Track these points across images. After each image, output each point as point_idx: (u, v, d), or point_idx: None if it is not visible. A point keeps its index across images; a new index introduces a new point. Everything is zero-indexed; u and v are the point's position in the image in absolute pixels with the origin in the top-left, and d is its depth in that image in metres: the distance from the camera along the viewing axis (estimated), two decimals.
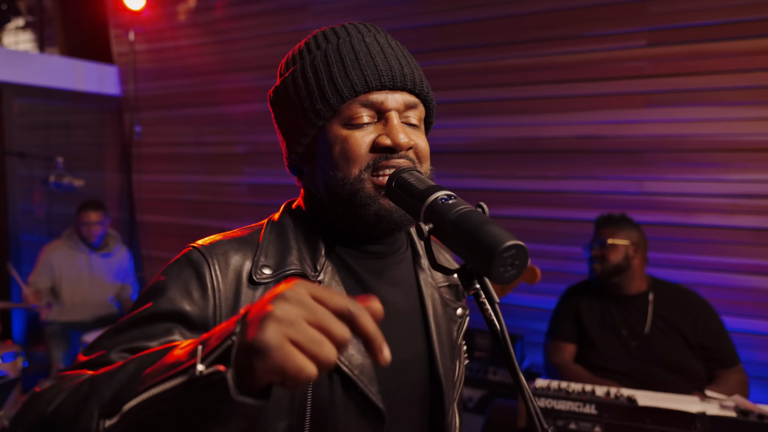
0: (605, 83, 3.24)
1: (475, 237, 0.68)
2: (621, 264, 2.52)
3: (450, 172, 3.74)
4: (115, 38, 5.05)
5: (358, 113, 0.89)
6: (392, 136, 0.88)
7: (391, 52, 0.91)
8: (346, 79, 0.88)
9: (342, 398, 0.85)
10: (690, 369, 2.39)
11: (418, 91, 0.92)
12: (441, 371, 0.94)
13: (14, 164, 4.44)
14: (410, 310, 0.97)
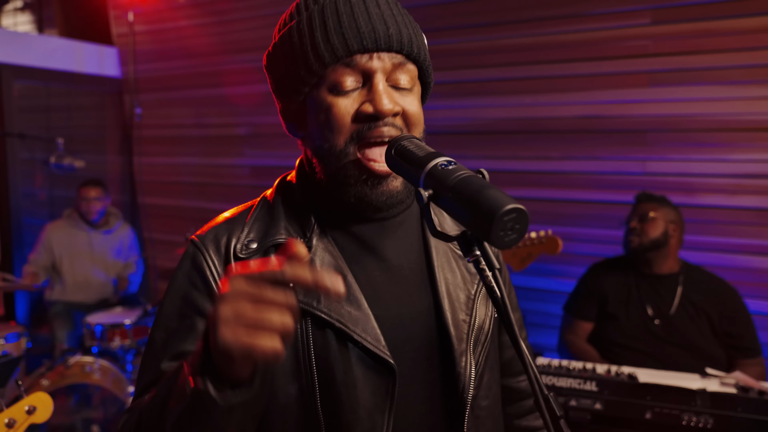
0: (608, 62, 3.20)
1: (475, 201, 0.67)
2: (659, 239, 2.50)
3: (452, 153, 3.65)
4: (115, 19, 5.01)
5: (343, 78, 0.87)
6: (375, 103, 0.86)
7: (376, 11, 0.88)
8: (328, 44, 0.86)
9: (348, 356, 0.86)
10: (711, 355, 2.36)
11: (407, 52, 0.89)
12: (449, 322, 0.93)
13: (15, 146, 4.43)
14: (414, 265, 0.96)
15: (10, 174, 4.43)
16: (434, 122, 3.75)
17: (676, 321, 2.42)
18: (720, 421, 1.67)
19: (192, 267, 0.92)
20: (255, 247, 0.91)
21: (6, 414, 1.53)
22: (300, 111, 0.95)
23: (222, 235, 0.93)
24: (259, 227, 0.94)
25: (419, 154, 0.79)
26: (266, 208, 0.97)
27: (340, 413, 0.85)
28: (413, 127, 0.91)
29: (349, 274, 0.91)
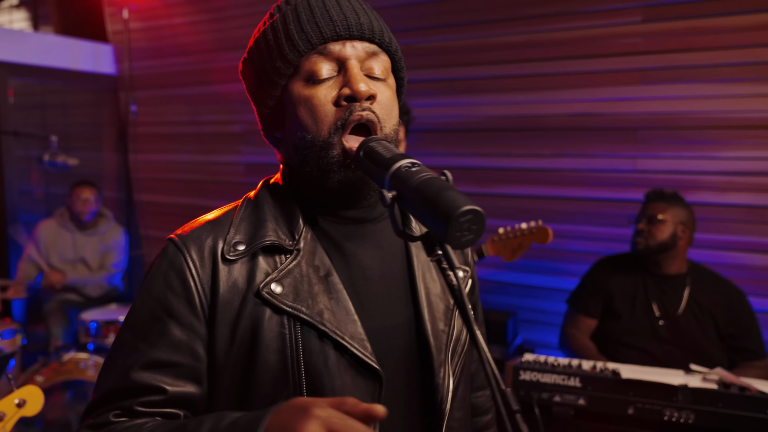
0: (600, 60, 3.21)
1: (434, 202, 0.69)
2: (667, 242, 2.45)
3: (445, 151, 3.74)
4: (110, 16, 5.02)
5: (318, 66, 0.88)
6: (350, 84, 0.87)
7: (347, 4, 0.90)
8: (302, 33, 0.88)
9: (336, 363, 0.86)
10: (714, 357, 2.33)
11: (378, 40, 0.91)
12: (429, 333, 0.94)
13: (10, 144, 4.44)
14: (396, 274, 0.96)
15: (5, 171, 4.45)
16: (427, 120, 3.76)
17: (682, 322, 2.40)
18: (701, 417, 1.69)
19: (170, 268, 0.88)
20: (243, 249, 0.89)
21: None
22: (278, 108, 0.94)
23: (206, 238, 0.91)
24: (246, 228, 0.92)
25: (385, 156, 0.80)
26: (252, 209, 0.95)
27: None
28: (387, 117, 0.91)
29: (338, 281, 0.90)
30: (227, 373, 0.87)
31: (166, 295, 0.87)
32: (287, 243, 0.90)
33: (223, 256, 0.89)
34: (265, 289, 0.86)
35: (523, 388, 1.86)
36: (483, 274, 3.70)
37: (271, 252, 0.90)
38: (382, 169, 0.77)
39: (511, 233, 2.37)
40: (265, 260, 0.89)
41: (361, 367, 0.87)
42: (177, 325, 0.86)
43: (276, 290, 0.87)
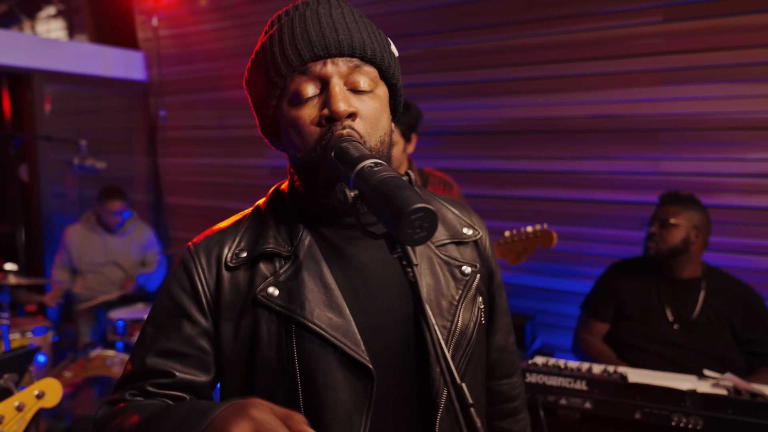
0: (620, 61, 3.17)
1: (389, 200, 0.71)
2: (679, 247, 2.40)
3: (464, 153, 3.74)
4: (140, 24, 5.17)
5: (301, 87, 0.92)
6: (330, 105, 0.89)
7: (328, 21, 0.91)
8: (284, 56, 0.91)
9: (329, 360, 0.90)
10: (730, 362, 2.27)
11: (360, 54, 0.92)
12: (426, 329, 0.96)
13: (46, 149, 4.61)
14: (396, 271, 0.99)
15: (41, 175, 4.62)
16: (446, 122, 3.77)
17: (697, 327, 2.35)
18: (710, 423, 1.65)
19: (183, 272, 0.99)
20: (245, 256, 0.97)
21: (16, 398, 1.62)
22: (274, 125, 1.01)
23: (213, 246, 1.00)
24: (250, 237, 1.00)
25: (354, 156, 0.82)
26: (257, 218, 1.03)
27: (320, 413, 0.90)
28: (374, 129, 0.93)
29: (332, 282, 0.94)
30: (233, 366, 0.96)
31: (180, 296, 0.97)
32: (285, 249, 0.96)
33: (226, 263, 0.97)
34: (262, 293, 0.93)
35: (529, 391, 1.86)
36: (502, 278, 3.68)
37: (270, 258, 0.97)
38: (348, 169, 0.80)
39: (516, 237, 2.36)
40: (264, 266, 0.96)
41: (353, 364, 0.91)
42: (188, 322, 0.96)
43: (273, 293, 0.93)
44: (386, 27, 4.04)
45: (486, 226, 1.19)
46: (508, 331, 1.20)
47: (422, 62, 3.80)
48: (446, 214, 1.11)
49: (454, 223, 1.10)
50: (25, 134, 4.51)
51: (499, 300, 1.17)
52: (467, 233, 1.09)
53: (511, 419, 1.22)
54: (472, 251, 1.10)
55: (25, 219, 4.56)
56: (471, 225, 1.12)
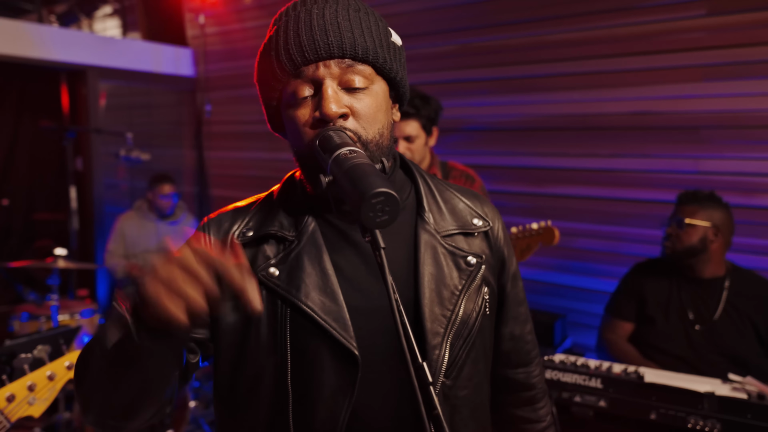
0: (660, 56, 3.09)
1: (355, 184, 0.74)
2: (695, 247, 2.35)
3: (499, 150, 3.71)
4: (189, 22, 5.35)
5: (297, 89, 0.96)
6: (321, 108, 0.93)
7: (320, 22, 0.94)
8: (279, 62, 0.95)
9: (318, 341, 0.94)
10: (755, 364, 2.21)
11: (351, 55, 0.94)
12: (426, 316, 0.98)
13: (98, 141, 4.85)
14: (400, 259, 1.02)
15: (93, 166, 4.86)
16: (482, 119, 3.75)
17: (719, 328, 2.29)
18: (728, 427, 1.61)
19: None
20: (251, 235, 1.02)
21: (48, 368, 1.74)
22: (278, 120, 1.05)
23: (225, 221, 1.05)
24: (258, 218, 1.05)
25: (335, 143, 0.86)
26: (269, 202, 1.08)
27: (306, 390, 0.94)
28: (368, 124, 0.96)
29: (330, 267, 0.98)
30: (228, 337, 1.00)
31: None
32: (289, 233, 1.01)
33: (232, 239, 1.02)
34: (263, 272, 0.98)
35: None
36: (534, 275, 3.65)
37: (275, 240, 1.01)
38: (328, 156, 0.83)
39: (521, 233, 2.34)
40: (268, 247, 1.01)
41: (340, 348, 0.94)
42: None
43: (273, 273, 0.98)
44: (421, 24, 4.05)
45: (501, 216, 1.20)
46: (525, 321, 1.20)
47: (458, 58, 3.80)
48: (457, 204, 1.12)
49: (464, 214, 1.11)
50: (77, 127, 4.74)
51: (513, 290, 1.17)
52: (477, 224, 1.11)
53: (529, 407, 1.22)
54: (482, 242, 1.11)
55: (79, 208, 4.79)
56: (482, 216, 1.13)
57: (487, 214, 1.14)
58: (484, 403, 1.11)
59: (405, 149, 2.48)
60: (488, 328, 1.10)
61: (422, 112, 2.49)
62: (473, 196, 1.17)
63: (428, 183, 1.12)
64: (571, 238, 3.51)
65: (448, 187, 1.16)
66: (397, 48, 1.03)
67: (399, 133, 2.46)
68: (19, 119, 6.23)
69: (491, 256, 1.11)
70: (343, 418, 0.93)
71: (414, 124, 2.48)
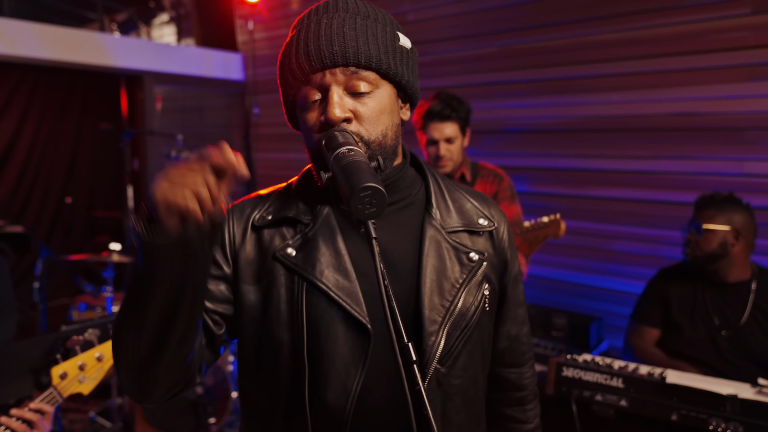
0: (704, 56, 3.03)
1: (347, 179, 0.81)
2: (716, 252, 2.32)
3: (538, 152, 3.71)
4: (239, 28, 5.55)
5: (307, 94, 1.03)
6: (326, 112, 1.00)
7: (327, 32, 1.01)
8: (291, 70, 1.04)
9: (332, 316, 1.01)
10: None
11: (354, 63, 1.00)
12: (425, 304, 1.05)
13: (152, 143, 5.10)
14: (406, 251, 1.09)
15: (148, 166, 5.11)
16: (521, 120, 3.76)
17: (746, 333, 2.24)
18: (751, 430, 1.59)
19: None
20: (270, 219, 1.10)
21: (97, 349, 1.88)
22: (294, 118, 1.14)
23: (247, 207, 1.13)
24: (277, 204, 1.13)
25: (337, 142, 0.93)
26: (288, 190, 1.16)
27: (321, 361, 1.02)
28: (372, 125, 1.03)
29: (344, 248, 1.06)
30: (249, 313, 1.08)
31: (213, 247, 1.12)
32: (305, 217, 1.09)
33: (253, 223, 1.11)
34: (281, 252, 1.06)
35: (565, 385, 1.87)
36: (571, 278, 3.63)
37: (292, 224, 1.10)
38: (330, 154, 0.91)
39: (531, 227, 2.35)
40: (286, 230, 1.09)
41: (353, 322, 1.02)
42: (213, 266, 1.09)
43: (290, 253, 1.06)
44: (462, 26, 4.10)
45: (506, 218, 1.25)
46: (522, 323, 1.25)
47: (498, 60, 3.82)
48: (464, 204, 1.19)
49: (471, 214, 1.17)
50: (133, 129, 5.00)
51: (513, 291, 1.22)
52: (482, 224, 1.16)
53: (518, 408, 1.27)
54: (486, 241, 1.16)
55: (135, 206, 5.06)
56: (488, 217, 1.18)
57: (494, 215, 1.20)
58: (479, 396, 1.16)
59: (445, 150, 2.54)
60: (487, 324, 1.15)
61: (460, 114, 2.55)
62: (481, 198, 1.23)
63: (438, 182, 1.19)
64: (610, 241, 3.48)
65: (458, 188, 1.22)
66: (406, 51, 1.08)
67: (439, 136, 2.53)
68: (83, 122, 6.62)
69: (494, 255, 1.17)
70: (355, 388, 1.00)
71: (453, 126, 2.55)
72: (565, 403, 1.87)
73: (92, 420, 3.65)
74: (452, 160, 2.59)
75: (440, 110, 2.51)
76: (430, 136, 2.54)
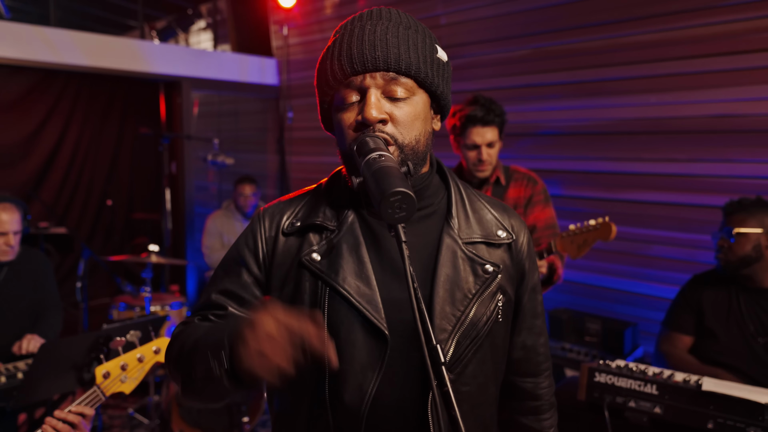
0: (742, 57, 2.96)
1: (378, 184, 0.83)
2: (749, 256, 2.28)
3: (573, 155, 3.68)
4: (274, 33, 5.64)
5: (345, 95, 1.06)
6: (363, 112, 1.03)
7: (370, 38, 1.04)
8: (332, 71, 1.07)
9: (352, 320, 1.05)
10: None
11: (395, 68, 1.04)
12: (436, 313, 1.07)
13: (189, 147, 5.22)
14: (423, 260, 1.11)
15: (185, 170, 5.23)
16: (556, 123, 3.73)
17: None
18: None
19: (250, 230, 1.18)
20: (298, 225, 1.14)
21: (138, 350, 1.95)
22: (328, 120, 1.17)
23: (278, 212, 1.17)
24: (305, 210, 1.17)
25: (368, 147, 0.95)
26: (316, 195, 1.19)
27: (340, 364, 1.04)
28: (405, 128, 1.06)
29: (366, 256, 1.09)
30: None
31: (244, 249, 1.17)
32: (331, 224, 1.12)
33: (283, 230, 1.15)
34: (306, 257, 1.10)
35: (597, 390, 1.85)
36: (606, 282, 3.57)
37: (319, 230, 1.13)
38: (361, 159, 0.93)
39: (578, 230, 2.32)
40: (313, 236, 1.13)
41: (372, 327, 1.05)
42: (246, 272, 1.15)
43: (315, 258, 1.10)
44: (495, 29, 4.09)
45: (527, 228, 1.26)
46: (539, 333, 1.26)
47: (532, 63, 3.80)
48: (485, 215, 1.20)
49: (490, 225, 1.19)
50: (171, 133, 5.13)
51: (530, 303, 1.24)
52: (500, 235, 1.18)
53: (533, 417, 1.27)
54: (504, 253, 1.18)
55: (172, 208, 5.19)
56: (507, 228, 1.20)
57: (513, 227, 1.21)
58: (489, 403, 1.17)
59: (487, 155, 2.55)
60: (501, 334, 1.16)
61: (501, 118, 2.56)
62: (502, 209, 1.24)
63: (461, 191, 1.21)
64: (646, 245, 3.42)
65: (480, 198, 1.23)
66: (442, 63, 1.12)
67: (481, 140, 2.53)
68: (123, 127, 6.82)
69: (511, 267, 1.18)
70: (371, 391, 1.03)
71: (494, 131, 2.56)
72: (598, 409, 1.85)
73: (131, 416, 3.76)
74: (492, 165, 2.60)
75: (483, 115, 2.52)
76: (471, 141, 2.55)
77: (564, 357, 3.26)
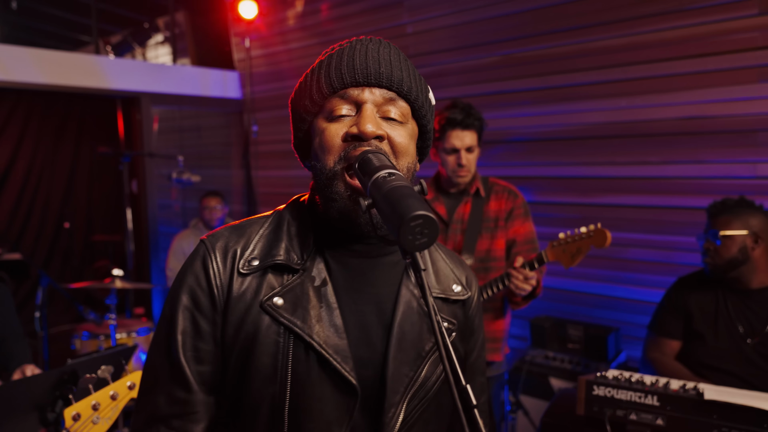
0: (712, 58, 2.99)
1: (394, 206, 0.74)
2: (736, 258, 2.25)
3: (545, 161, 3.66)
4: (235, 46, 5.51)
5: (336, 107, 0.97)
6: (359, 124, 0.94)
7: (374, 55, 0.98)
8: (328, 78, 0.98)
9: (318, 373, 0.95)
10: None
11: (396, 88, 0.98)
12: (388, 374, 0.98)
13: (151, 164, 5.03)
14: (382, 314, 1.02)
15: (147, 188, 5.04)
16: (527, 130, 3.71)
17: None
18: None
19: (202, 267, 0.99)
20: (256, 264, 0.99)
21: (111, 387, 1.80)
22: (305, 140, 1.06)
23: (231, 246, 1.01)
24: (263, 245, 1.02)
25: (374, 166, 0.86)
26: (274, 226, 1.05)
27: (303, 421, 0.94)
28: (399, 155, 0.98)
29: (334, 300, 0.98)
30: (230, 364, 0.98)
31: (196, 291, 0.99)
32: (295, 262, 1.00)
33: (238, 269, 0.99)
34: (268, 302, 0.97)
35: (597, 404, 1.79)
36: (585, 287, 3.56)
37: (280, 269, 1.00)
38: (367, 179, 0.84)
39: (570, 238, 2.28)
40: (273, 276, 0.99)
41: (341, 381, 0.95)
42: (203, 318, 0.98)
43: (277, 303, 0.97)
44: (462, 37, 4.05)
45: (478, 282, 1.21)
46: (482, 391, 1.22)
47: (501, 69, 3.78)
48: (442, 268, 1.13)
49: (448, 279, 1.12)
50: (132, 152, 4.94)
51: (476, 361, 1.19)
52: (456, 290, 1.12)
53: None
54: (458, 309, 1.12)
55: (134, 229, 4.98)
56: (462, 283, 1.14)
57: (467, 281, 1.16)
58: None
59: (466, 160, 2.48)
60: (447, 393, 1.08)
61: (480, 123, 2.51)
62: (458, 261, 1.18)
63: None
64: (622, 249, 3.41)
65: (437, 248, 1.16)
66: (432, 105, 1.07)
67: (460, 144, 2.46)
68: (79, 146, 6.56)
69: (464, 323, 1.13)
70: None
71: (474, 135, 2.50)
72: (598, 423, 1.79)
73: None
74: (470, 172, 2.53)
75: (463, 118, 2.46)
76: (450, 145, 2.47)
77: (548, 366, 3.22)
